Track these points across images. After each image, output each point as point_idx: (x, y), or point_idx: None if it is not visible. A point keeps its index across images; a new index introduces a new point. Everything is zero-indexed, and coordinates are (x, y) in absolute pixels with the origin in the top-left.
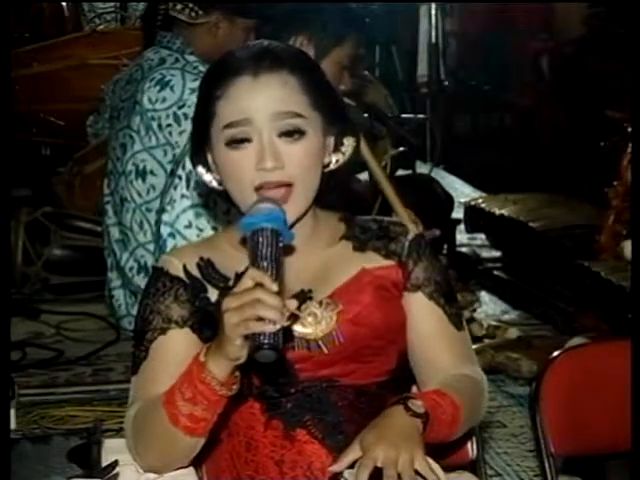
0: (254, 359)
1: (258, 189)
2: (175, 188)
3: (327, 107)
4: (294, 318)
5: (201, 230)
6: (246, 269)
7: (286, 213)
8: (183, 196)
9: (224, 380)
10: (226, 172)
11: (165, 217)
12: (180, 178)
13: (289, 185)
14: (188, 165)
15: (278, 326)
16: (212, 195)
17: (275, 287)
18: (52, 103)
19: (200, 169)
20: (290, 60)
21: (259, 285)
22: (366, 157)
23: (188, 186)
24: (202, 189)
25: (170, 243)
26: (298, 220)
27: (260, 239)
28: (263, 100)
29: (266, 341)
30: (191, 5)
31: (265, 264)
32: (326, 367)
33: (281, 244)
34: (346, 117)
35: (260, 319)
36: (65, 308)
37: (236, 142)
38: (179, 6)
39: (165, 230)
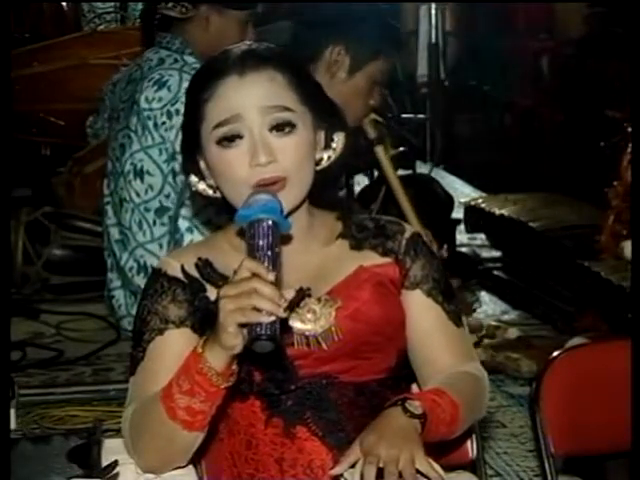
0: (252, 351)
1: (254, 187)
2: None
3: (315, 103)
4: (290, 310)
5: (219, 228)
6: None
7: (282, 203)
8: None
9: (221, 371)
10: (220, 172)
11: (184, 211)
12: None
13: (284, 180)
14: None
15: (274, 317)
16: None
17: (271, 277)
18: (52, 103)
19: (193, 178)
20: (275, 58)
21: (255, 276)
22: (383, 165)
23: None
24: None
25: (187, 238)
26: (292, 215)
27: (256, 230)
28: (251, 96)
29: (263, 332)
30: (182, 2)
31: (261, 255)
32: (326, 363)
33: (278, 235)
34: (335, 112)
35: (256, 309)
36: (65, 308)
37: (227, 140)
38: (170, 4)
39: (183, 224)
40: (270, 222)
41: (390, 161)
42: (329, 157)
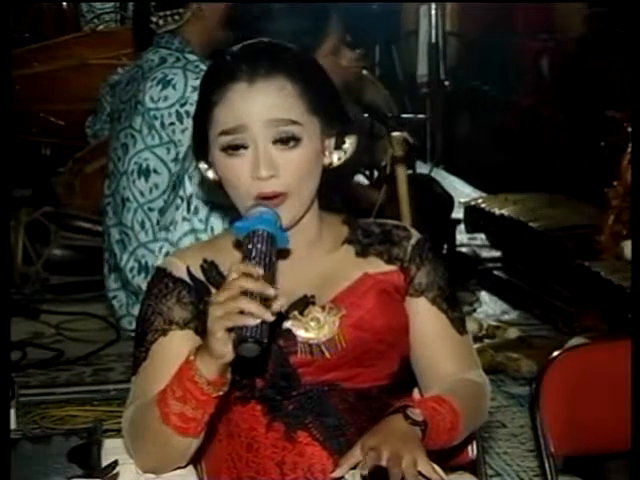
0: (249, 359)
1: (255, 199)
2: (177, 209)
3: (326, 110)
4: (280, 316)
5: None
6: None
7: (281, 218)
8: (184, 219)
9: (212, 379)
10: (224, 177)
11: (169, 236)
12: (182, 199)
13: (284, 195)
14: (189, 188)
15: (259, 320)
16: (210, 220)
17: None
18: (52, 103)
19: (202, 165)
20: (288, 63)
21: (244, 276)
22: (399, 185)
23: (189, 209)
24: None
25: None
26: (300, 223)
27: (251, 241)
28: (258, 107)
29: (248, 334)
30: (168, 12)
31: (253, 263)
32: (329, 371)
33: (275, 247)
34: (347, 118)
35: (243, 313)
36: (65, 308)
37: (232, 149)
38: (160, 21)
39: (170, 249)
40: (265, 232)
41: (407, 184)
42: (339, 158)
